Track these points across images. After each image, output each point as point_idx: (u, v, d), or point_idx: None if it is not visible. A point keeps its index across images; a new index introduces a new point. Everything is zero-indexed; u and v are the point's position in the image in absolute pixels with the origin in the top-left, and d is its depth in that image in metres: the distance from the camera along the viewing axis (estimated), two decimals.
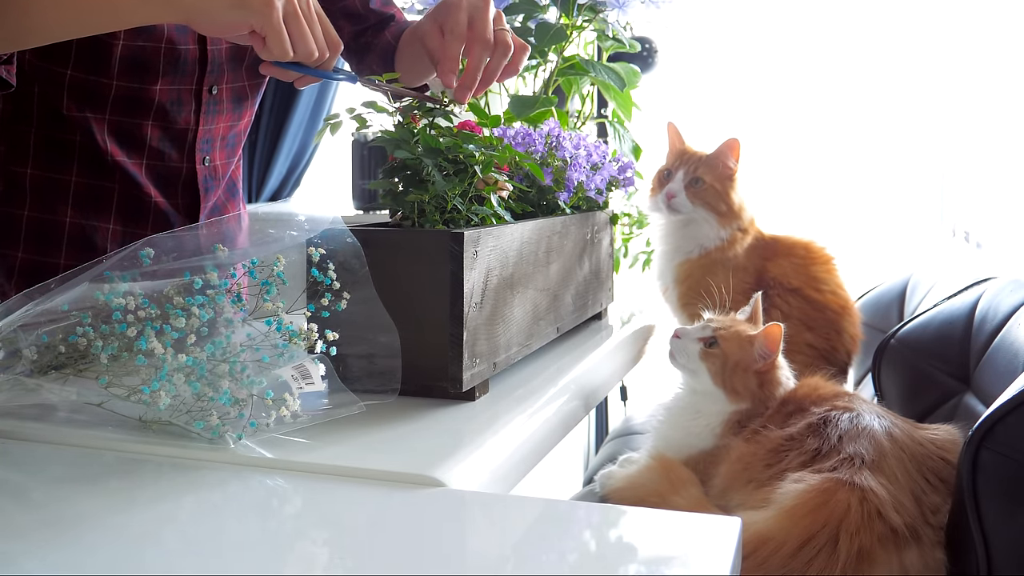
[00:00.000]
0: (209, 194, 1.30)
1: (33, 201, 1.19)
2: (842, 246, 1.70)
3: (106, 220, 1.21)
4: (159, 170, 1.24)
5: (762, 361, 1.22)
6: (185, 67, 1.20)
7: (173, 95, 1.21)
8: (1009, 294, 1.39)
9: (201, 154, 1.27)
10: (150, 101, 1.19)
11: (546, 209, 1.31)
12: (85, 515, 0.70)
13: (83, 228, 1.20)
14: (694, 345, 1.25)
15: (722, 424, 1.23)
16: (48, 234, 1.20)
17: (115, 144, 1.20)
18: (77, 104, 1.17)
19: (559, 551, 0.68)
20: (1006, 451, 0.98)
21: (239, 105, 1.31)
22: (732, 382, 1.22)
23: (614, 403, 2.78)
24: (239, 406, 0.83)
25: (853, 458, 1.08)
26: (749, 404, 1.22)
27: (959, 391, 1.42)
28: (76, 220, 1.20)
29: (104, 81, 1.15)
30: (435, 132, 1.05)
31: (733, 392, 1.22)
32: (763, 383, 1.22)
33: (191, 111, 1.23)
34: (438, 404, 0.97)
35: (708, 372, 1.23)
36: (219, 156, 1.31)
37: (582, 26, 1.60)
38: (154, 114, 1.20)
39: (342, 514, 0.73)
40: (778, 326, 1.22)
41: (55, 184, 1.19)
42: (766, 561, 1.00)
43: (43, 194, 1.19)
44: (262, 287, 0.89)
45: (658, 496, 1.16)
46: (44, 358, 0.90)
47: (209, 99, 1.24)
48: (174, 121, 1.22)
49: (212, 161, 1.29)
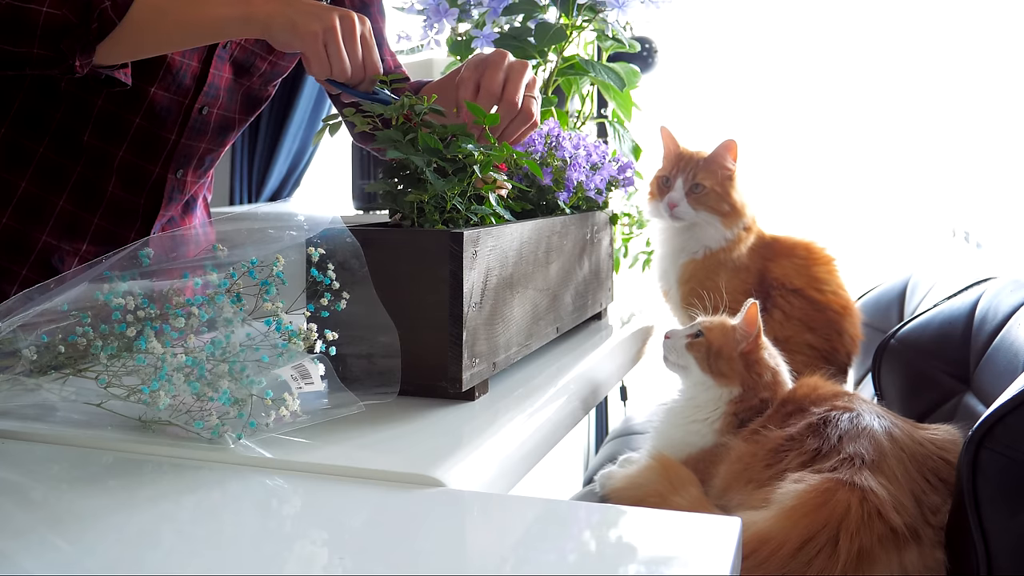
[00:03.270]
0: (171, 204, 1.33)
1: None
2: (842, 246, 1.70)
3: (58, 196, 1.24)
4: (131, 167, 1.27)
5: (744, 342, 1.23)
6: (183, 80, 1.24)
7: (164, 101, 1.24)
8: (1009, 294, 1.39)
9: (175, 166, 1.30)
10: (143, 99, 1.22)
11: (546, 209, 1.31)
12: (85, 515, 0.70)
13: (35, 196, 1.23)
14: (681, 341, 1.28)
15: (721, 418, 1.23)
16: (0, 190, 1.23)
17: (98, 129, 1.23)
18: (76, 83, 1.20)
19: (559, 551, 0.68)
20: (1006, 451, 0.98)
21: (223, 133, 1.35)
22: (718, 366, 1.24)
23: (614, 403, 2.78)
24: (239, 406, 0.83)
25: (853, 458, 1.08)
26: (739, 387, 1.24)
27: (959, 391, 1.42)
28: (31, 188, 1.23)
29: None
30: (432, 131, 1.05)
31: (721, 376, 1.24)
32: (748, 364, 1.24)
33: (176, 123, 1.27)
34: (438, 404, 0.97)
35: (695, 361, 1.26)
36: (191, 174, 1.34)
37: (582, 26, 1.60)
38: (143, 113, 1.24)
39: (342, 514, 0.73)
40: (754, 304, 1.24)
41: (21, 149, 1.22)
42: (766, 561, 1.00)
43: (6, 156, 1.22)
44: (262, 287, 0.89)
45: (658, 496, 1.16)
46: (44, 358, 0.90)
47: (198, 117, 1.28)
48: (159, 127, 1.26)
49: (184, 176, 1.32)
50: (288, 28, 1.02)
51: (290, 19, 1.02)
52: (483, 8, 1.56)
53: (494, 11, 1.54)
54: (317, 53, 1.04)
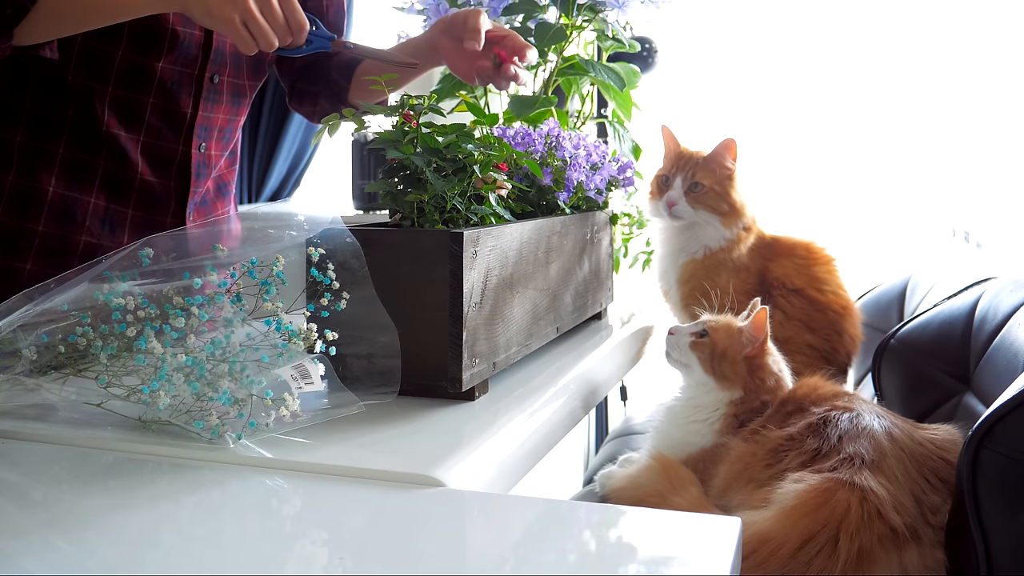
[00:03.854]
0: (200, 180, 1.33)
1: (19, 168, 1.22)
2: (842, 246, 1.70)
3: (88, 194, 1.24)
4: (154, 149, 1.27)
5: (750, 346, 1.22)
6: (189, 50, 1.24)
7: (175, 76, 1.25)
8: (1009, 294, 1.39)
9: (198, 140, 1.30)
10: (152, 77, 1.23)
11: (546, 209, 1.31)
12: (85, 515, 0.70)
13: (65, 199, 1.23)
14: (685, 339, 1.27)
15: (721, 419, 1.23)
16: (30, 201, 1.22)
17: (114, 117, 1.23)
18: (83, 72, 1.20)
19: (559, 551, 0.68)
20: (1006, 451, 0.98)
21: (238, 100, 1.35)
22: (722, 369, 1.23)
23: (614, 403, 2.78)
24: (239, 406, 0.83)
25: (853, 458, 1.08)
26: (741, 391, 1.23)
27: (959, 391, 1.42)
28: (59, 191, 1.23)
29: (111, 50, 1.20)
30: (431, 131, 1.05)
31: (723, 379, 1.23)
32: (752, 369, 1.23)
33: (190, 95, 1.27)
34: (438, 404, 0.97)
35: (698, 361, 1.25)
36: (215, 147, 1.34)
37: (582, 26, 1.60)
38: (155, 91, 1.24)
39: (341, 514, 0.73)
40: (764, 310, 1.23)
41: (42, 153, 1.22)
42: (766, 561, 1.00)
43: (28, 162, 1.22)
44: (262, 287, 0.89)
45: (658, 496, 1.16)
46: (44, 358, 0.90)
47: (210, 87, 1.28)
48: (174, 102, 1.26)
49: (208, 149, 1.32)
50: (205, 15, 1.05)
51: (206, 6, 1.04)
52: (483, 8, 1.56)
53: (494, 11, 1.54)
54: (240, 36, 1.05)
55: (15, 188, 1.22)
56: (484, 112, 1.15)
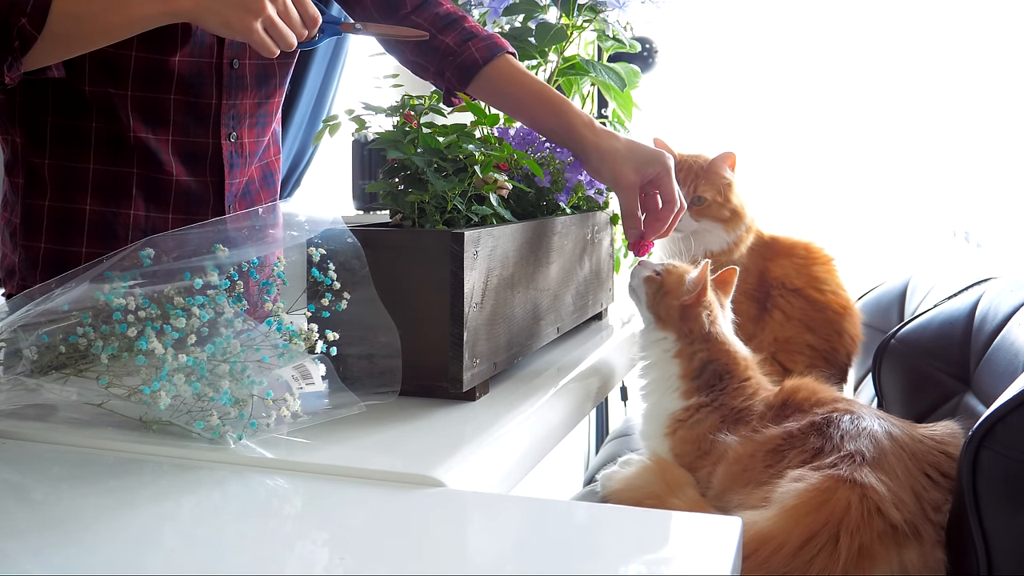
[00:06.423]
0: (235, 171, 1.30)
1: (53, 191, 1.21)
2: (842, 246, 1.70)
3: (127, 206, 1.23)
4: (184, 146, 1.25)
5: (687, 295, 1.25)
6: (203, 39, 1.22)
7: (193, 67, 1.22)
8: (1009, 294, 1.39)
9: (226, 130, 1.28)
10: (170, 73, 1.21)
11: (546, 209, 1.31)
12: (85, 515, 0.70)
13: (103, 216, 1.22)
14: (645, 271, 1.31)
15: (676, 379, 1.25)
16: (69, 223, 1.21)
17: (139, 120, 1.21)
18: (99, 79, 1.18)
19: (559, 551, 0.68)
20: (1006, 451, 0.98)
21: (265, 82, 1.32)
22: (659, 307, 1.28)
23: (614, 403, 2.78)
24: (239, 406, 0.83)
25: (854, 455, 1.08)
26: (673, 335, 1.26)
27: (959, 391, 1.42)
28: (96, 208, 1.22)
29: (124, 53, 1.18)
30: (432, 131, 1.05)
31: (659, 319, 1.27)
32: (685, 316, 1.26)
33: (212, 85, 1.25)
34: (438, 404, 0.97)
35: (646, 295, 1.29)
36: (247, 134, 1.31)
37: (582, 26, 1.60)
38: (175, 87, 1.22)
39: (342, 514, 0.73)
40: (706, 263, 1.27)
41: (73, 173, 1.21)
42: (767, 561, 1.00)
43: (62, 183, 1.21)
44: (262, 287, 0.89)
45: (655, 498, 1.16)
46: (44, 358, 0.90)
47: (231, 73, 1.26)
48: (196, 95, 1.24)
49: (239, 138, 1.30)
50: (223, 25, 1.03)
51: (222, 16, 1.02)
52: (484, 8, 1.56)
53: (495, 11, 1.55)
54: (262, 43, 1.04)
55: (53, 212, 1.21)
56: (485, 112, 1.15)
